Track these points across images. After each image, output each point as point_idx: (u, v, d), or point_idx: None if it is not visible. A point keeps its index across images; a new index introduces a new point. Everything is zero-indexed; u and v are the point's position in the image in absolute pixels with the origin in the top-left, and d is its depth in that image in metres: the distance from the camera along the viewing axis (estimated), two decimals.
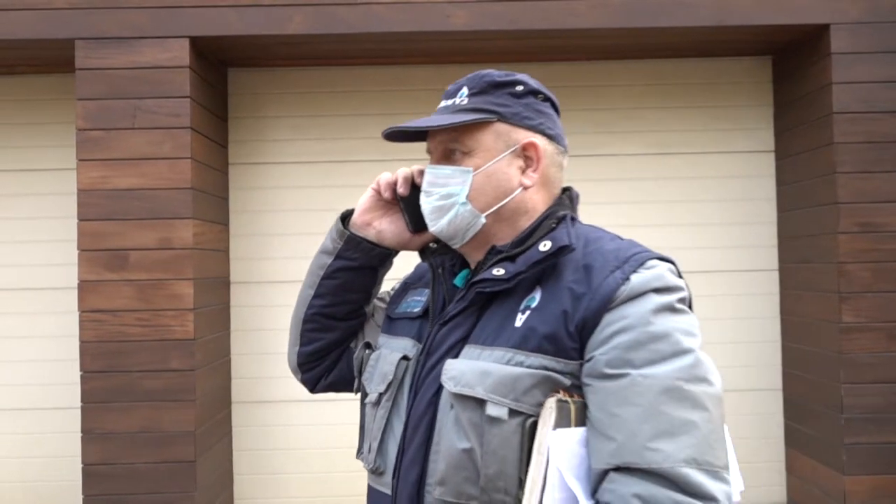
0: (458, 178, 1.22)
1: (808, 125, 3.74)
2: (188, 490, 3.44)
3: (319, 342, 1.42)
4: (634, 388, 1.02)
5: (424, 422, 1.16)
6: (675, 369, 1.03)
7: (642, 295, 1.07)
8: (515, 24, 3.49)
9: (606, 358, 1.05)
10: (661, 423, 1.00)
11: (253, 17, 3.48)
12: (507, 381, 1.08)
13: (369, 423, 1.28)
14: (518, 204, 1.22)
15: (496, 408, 1.07)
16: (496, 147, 1.21)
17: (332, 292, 1.39)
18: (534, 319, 1.11)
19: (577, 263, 1.14)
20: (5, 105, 4.03)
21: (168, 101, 3.46)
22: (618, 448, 1.01)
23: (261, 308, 4.04)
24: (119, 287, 3.44)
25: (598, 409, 1.04)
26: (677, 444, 0.99)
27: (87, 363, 3.44)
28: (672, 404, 1.01)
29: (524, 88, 1.24)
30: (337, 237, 1.37)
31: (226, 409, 3.97)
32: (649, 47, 3.91)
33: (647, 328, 1.05)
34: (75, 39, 3.46)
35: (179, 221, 3.46)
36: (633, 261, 1.10)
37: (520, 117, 1.23)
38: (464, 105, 1.23)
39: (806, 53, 3.74)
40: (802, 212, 3.82)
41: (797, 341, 3.90)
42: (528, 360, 1.09)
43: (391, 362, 1.26)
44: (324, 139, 4.08)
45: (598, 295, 1.08)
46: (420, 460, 1.15)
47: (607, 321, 1.07)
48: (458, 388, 1.11)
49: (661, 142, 4.10)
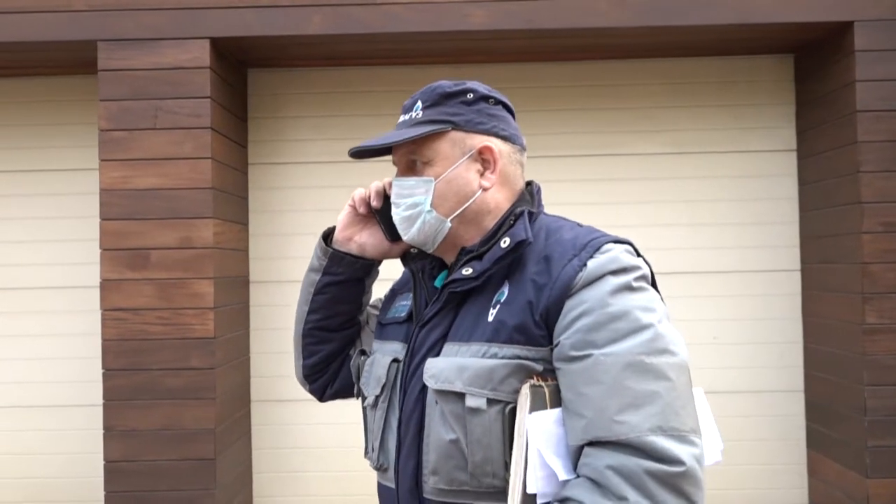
0: (422, 187, 1.28)
1: (830, 124, 3.69)
2: (208, 487, 3.47)
3: (319, 354, 1.50)
4: (598, 366, 1.09)
5: (415, 418, 1.23)
6: (635, 345, 1.09)
7: (600, 279, 1.14)
8: (533, 23, 3.48)
9: (570, 342, 1.12)
10: (626, 397, 1.07)
11: (272, 18, 3.50)
12: (483, 373, 1.15)
13: (370, 424, 1.36)
14: (480, 205, 1.28)
15: (475, 399, 1.15)
16: (453, 154, 1.28)
17: (324, 306, 1.46)
18: (503, 312, 1.18)
19: (539, 255, 1.21)
20: (29, 106, 4.09)
21: (189, 101, 3.49)
22: (587, 424, 1.08)
23: (280, 307, 4.06)
24: (140, 286, 3.48)
25: (567, 389, 1.12)
26: (642, 415, 1.06)
27: (108, 361, 3.48)
28: (635, 378, 1.08)
29: (474, 95, 1.30)
30: (321, 255, 1.46)
31: (245, 407, 3.99)
32: (669, 46, 3.88)
33: (606, 309, 1.11)
34: (97, 41, 3.50)
35: (200, 221, 3.48)
36: (590, 247, 1.17)
37: (473, 123, 1.28)
38: (419, 118, 1.29)
39: (829, 51, 3.69)
40: (825, 211, 3.77)
41: (819, 342, 3.86)
42: (502, 351, 1.16)
43: (383, 366, 1.33)
44: (343, 139, 4.09)
45: (559, 283, 1.15)
46: (415, 453, 1.23)
47: (568, 307, 1.14)
48: (439, 385, 1.19)
49: (681, 141, 4.07)
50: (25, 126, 4.09)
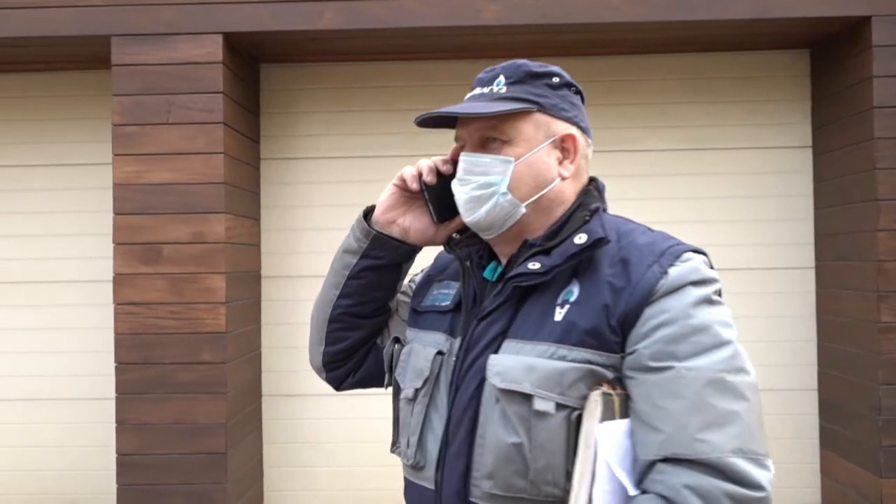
0: (499, 167, 1.20)
1: (847, 120, 3.65)
2: (220, 481, 3.48)
3: (346, 341, 1.41)
4: (680, 380, 1.04)
5: (468, 416, 1.16)
6: (716, 361, 1.05)
7: (681, 288, 1.09)
8: (547, 18, 3.46)
9: (650, 351, 1.07)
10: (708, 415, 1.03)
11: (285, 14, 3.50)
12: (552, 376, 1.09)
13: (405, 418, 1.27)
14: (556, 195, 1.22)
15: (543, 402, 1.09)
16: (536, 137, 1.21)
17: (358, 292, 1.37)
18: (574, 314, 1.12)
19: (614, 257, 1.15)
20: (43, 101, 4.11)
21: (201, 96, 3.50)
22: (666, 439, 1.03)
23: (291, 302, 4.07)
24: (153, 280, 3.49)
25: (643, 401, 1.07)
26: (724, 435, 1.02)
27: (121, 355, 3.50)
28: (716, 396, 1.03)
29: (560, 80, 1.25)
30: (362, 236, 1.35)
31: (256, 401, 4.00)
32: (684, 41, 3.85)
33: (688, 321, 1.07)
34: (111, 36, 3.51)
35: (212, 216, 3.49)
36: (669, 254, 1.12)
37: (557, 108, 1.22)
38: (502, 93, 1.21)
39: (846, 46, 3.65)
40: (840, 209, 3.73)
41: (834, 341, 3.82)
42: (571, 354, 1.10)
43: (426, 358, 1.25)
44: (355, 134, 4.09)
45: (638, 289, 1.09)
46: (465, 454, 1.15)
47: (648, 315, 1.08)
48: (505, 384, 1.11)
49: (697, 137, 4.04)
50: (40, 121, 4.10)
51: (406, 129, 4.04)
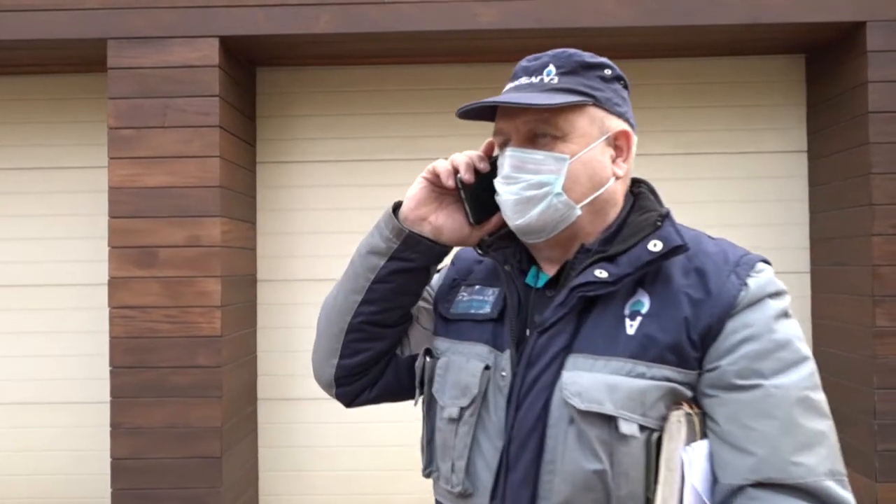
0: (552, 165, 1.10)
1: (842, 125, 3.67)
2: (214, 485, 3.47)
3: (366, 353, 1.25)
4: (769, 399, 0.99)
5: (534, 438, 1.05)
6: (801, 378, 1.01)
7: (760, 301, 1.04)
8: (543, 22, 3.47)
9: (735, 368, 1.01)
10: (800, 436, 0.98)
11: (281, 17, 3.50)
12: (635, 396, 1.02)
13: (447, 439, 1.15)
14: (610, 195, 1.14)
15: (628, 424, 1.01)
16: (591, 133, 1.12)
17: (384, 297, 1.22)
18: (650, 327, 1.04)
19: (686, 266, 1.08)
20: (39, 104, 4.10)
21: (197, 100, 3.49)
22: (758, 463, 0.98)
23: (287, 306, 4.06)
24: (148, 284, 3.48)
25: (728, 421, 1.01)
26: (816, 457, 0.98)
27: (116, 359, 3.49)
28: (805, 415, 0.99)
29: (612, 73, 1.18)
30: (392, 235, 1.20)
31: (252, 405, 3.99)
32: (680, 46, 3.86)
33: (772, 336, 1.02)
34: (107, 39, 3.51)
35: (208, 219, 3.49)
36: (744, 264, 1.08)
37: (612, 103, 1.15)
38: (554, 84, 1.12)
39: (841, 51, 3.66)
40: (836, 213, 3.74)
41: (829, 345, 3.83)
42: (651, 371, 1.03)
43: (472, 373, 1.14)
44: (351, 138, 4.09)
45: (720, 301, 1.04)
46: (532, 480, 1.05)
47: (730, 329, 1.03)
48: (587, 405, 1.02)
49: (692, 141, 4.05)
50: (35, 124, 4.10)
51: (402, 132, 4.05)
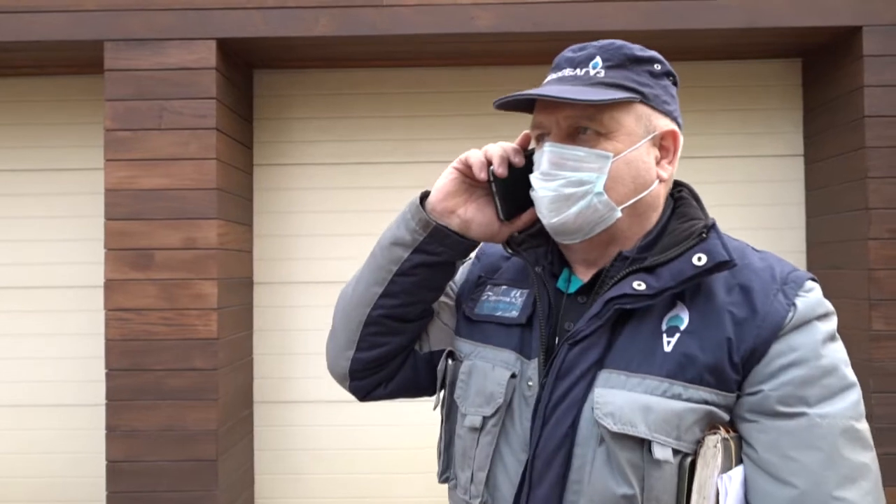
0: (594, 162, 1.04)
1: (838, 129, 3.67)
2: (210, 488, 3.46)
3: (384, 347, 1.22)
4: (814, 429, 0.95)
5: (560, 456, 1.01)
6: (846, 407, 0.98)
7: (808, 323, 0.99)
8: (540, 26, 3.47)
9: (778, 394, 0.97)
10: (843, 469, 0.95)
11: (279, 19, 3.50)
12: (670, 419, 0.97)
13: (467, 448, 1.11)
14: (654, 199, 1.09)
15: (662, 449, 0.96)
16: (637, 131, 1.06)
17: (407, 291, 1.17)
18: (689, 345, 0.99)
19: (730, 282, 1.02)
20: (36, 105, 4.09)
21: (194, 102, 3.49)
22: (800, 496, 0.94)
23: (283, 308, 4.06)
24: (144, 286, 3.48)
25: (768, 450, 0.97)
26: (859, 491, 0.95)
27: (112, 361, 3.48)
28: (849, 447, 0.96)
29: (661, 68, 1.11)
30: (418, 227, 1.15)
31: (248, 408, 3.99)
32: (676, 49, 3.86)
33: (819, 362, 0.97)
34: (104, 41, 3.50)
35: (204, 222, 3.48)
36: (792, 282, 1.02)
37: (660, 101, 1.09)
38: (601, 78, 1.06)
39: (837, 56, 3.67)
40: (832, 217, 3.75)
41: None
42: (687, 392, 0.98)
43: (498, 381, 1.09)
44: (348, 140, 4.09)
45: (767, 322, 0.98)
46: (556, 499, 1.01)
47: (776, 352, 0.98)
48: (619, 427, 0.97)
49: (687, 145, 3.98)
50: (32, 125, 4.09)
51: (399, 135, 4.05)
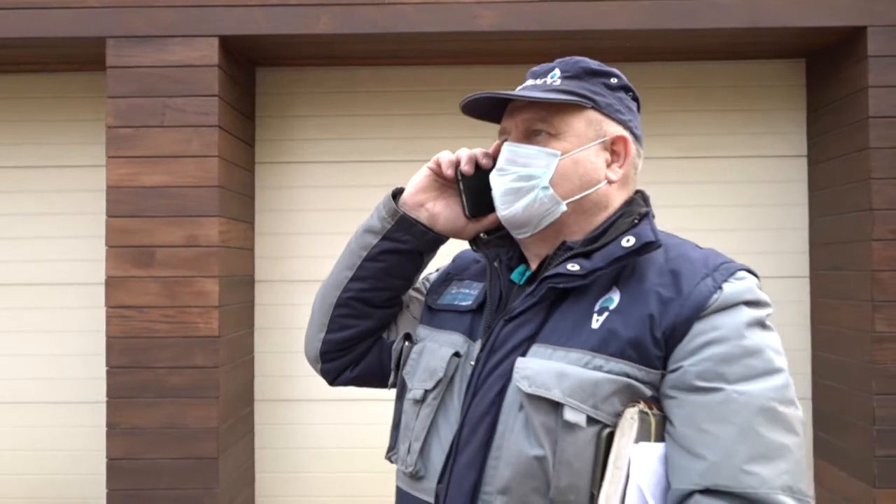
0: (543, 159, 1.14)
1: (842, 129, 3.66)
2: (210, 486, 3.46)
3: (351, 329, 1.30)
4: (729, 404, 0.97)
5: (485, 423, 1.07)
6: (769, 388, 0.98)
7: (734, 306, 1.03)
8: (543, 24, 3.46)
9: (697, 370, 1.00)
10: (758, 446, 0.96)
11: (281, 17, 3.49)
12: (586, 386, 1.01)
13: (409, 421, 1.19)
14: (600, 197, 1.16)
15: (574, 413, 1.00)
16: (586, 134, 1.15)
17: (373, 276, 1.27)
18: (615, 322, 1.04)
19: (662, 268, 1.08)
20: (38, 102, 4.09)
21: (196, 99, 3.49)
22: (709, 468, 0.96)
23: (285, 306, 4.05)
24: (145, 283, 3.47)
25: (684, 423, 0.99)
26: (774, 470, 0.95)
27: (113, 358, 3.47)
28: (767, 426, 0.96)
29: (618, 82, 1.22)
30: (387, 216, 1.26)
31: (248, 406, 3.98)
32: (679, 49, 3.86)
33: (741, 342, 1.00)
34: (106, 38, 3.50)
35: (206, 219, 3.48)
36: (724, 269, 1.07)
37: (613, 109, 1.18)
38: (557, 86, 1.17)
39: (841, 56, 3.66)
40: (835, 218, 3.74)
41: (828, 350, 3.82)
42: (608, 364, 1.02)
43: (441, 358, 1.17)
44: (350, 139, 4.08)
45: (690, 301, 1.02)
46: (478, 466, 1.07)
47: (698, 330, 1.01)
48: (533, 389, 1.03)
49: (690, 145, 4.04)
50: (34, 122, 4.09)
51: (401, 133, 4.05)
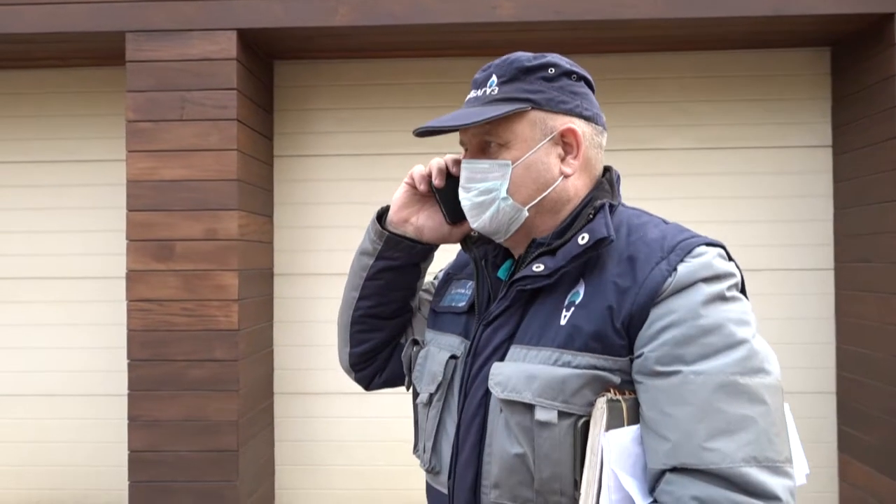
0: (497, 171, 1.16)
1: (868, 119, 3.59)
2: (230, 479, 3.48)
3: (369, 342, 1.40)
4: (687, 385, 0.99)
5: (476, 424, 1.14)
6: (728, 363, 0.99)
7: (691, 286, 1.03)
8: (562, 15, 3.43)
9: (656, 355, 1.02)
10: (717, 422, 0.97)
11: (299, 10, 3.48)
12: (554, 384, 1.05)
13: (422, 422, 1.27)
14: (560, 193, 1.18)
15: (545, 412, 1.05)
16: (533, 136, 1.16)
17: (377, 293, 1.36)
18: (578, 316, 1.08)
19: (621, 255, 1.09)
20: (59, 97, 4.12)
21: (215, 93, 3.49)
22: (673, 448, 0.99)
23: (303, 300, 4.06)
24: (166, 277, 3.49)
25: (650, 407, 1.02)
26: (735, 443, 0.97)
27: (134, 351, 3.50)
28: (727, 400, 0.98)
29: (556, 71, 1.18)
30: (375, 238, 1.33)
31: (268, 399, 4.00)
32: (702, 38, 3.80)
33: (697, 321, 1.01)
34: (126, 32, 3.51)
35: (225, 213, 3.49)
36: (679, 249, 1.06)
37: (555, 102, 1.16)
38: (494, 95, 1.18)
39: (867, 44, 3.59)
40: (861, 209, 3.67)
41: (853, 343, 3.76)
42: (576, 359, 1.06)
43: (440, 362, 1.23)
44: (368, 132, 4.07)
45: (644, 289, 1.04)
46: (474, 462, 1.14)
47: (655, 316, 1.03)
48: (506, 394, 1.08)
49: (714, 136, 3.99)
50: (55, 117, 4.12)
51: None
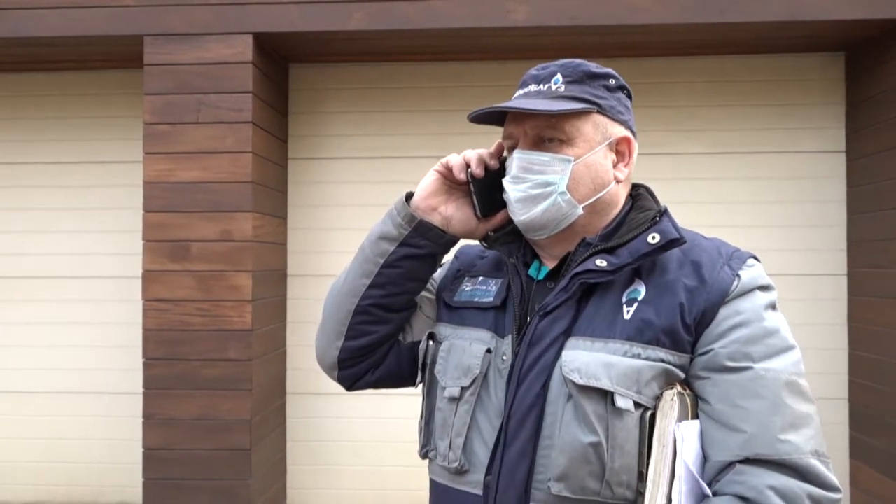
0: (558, 166, 1.18)
1: (882, 124, 3.58)
2: (243, 477, 3.51)
3: (371, 336, 1.31)
4: (759, 381, 1.06)
5: (532, 415, 1.12)
6: (788, 364, 1.08)
7: (750, 292, 1.12)
8: (576, 19, 3.44)
9: (727, 351, 1.08)
10: (787, 416, 1.05)
11: (314, 14, 3.52)
12: (630, 373, 1.09)
13: (447, 418, 1.22)
14: (612, 197, 1.22)
15: (623, 399, 1.08)
16: (594, 138, 1.20)
17: (392, 282, 1.28)
18: (646, 312, 1.12)
19: (681, 259, 1.16)
20: (77, 99, 4.17)
21: (231, 96, 3.53)
22: (748, 440, 1.04)
23: (316, 301, 4.08)
24: (181, 277, 3.53)
25: (720, 401, 1.08)
26: (802, 437, 1.05)
27: (149, 350, 3.54)
28: (792, 397, 1.06)
29: (616, 83, 1.25)
30: (403, 222, 1.27)
31: (281, 399, 4.03)
32: (715, 43, 3.80)
33: (762, 323, 1.10)
34: (143, 36, 3.56)
35: (240, 214, 3.52)
36: (736, 258, 1.15)
37: (615, 111, 1.22)
38: (561, 92, 1.20)
39: (882, 49, 3.58)
40: (874, 215, 3.66)
41: (865, 349, 3.75)
42: (646, 352, 1.10)
43: (474, 355, 1.21)
44: (382, 135, 4.10)
45: (715, 289, 1.11)
46: (529, 455, 1.12)
47: (723, 315, 1.10)
48: (585, 380, 1.09)
49: (727, 141, 3.99)
50: (72, 119, 4.17)
51: (434, 129, 4.05)
